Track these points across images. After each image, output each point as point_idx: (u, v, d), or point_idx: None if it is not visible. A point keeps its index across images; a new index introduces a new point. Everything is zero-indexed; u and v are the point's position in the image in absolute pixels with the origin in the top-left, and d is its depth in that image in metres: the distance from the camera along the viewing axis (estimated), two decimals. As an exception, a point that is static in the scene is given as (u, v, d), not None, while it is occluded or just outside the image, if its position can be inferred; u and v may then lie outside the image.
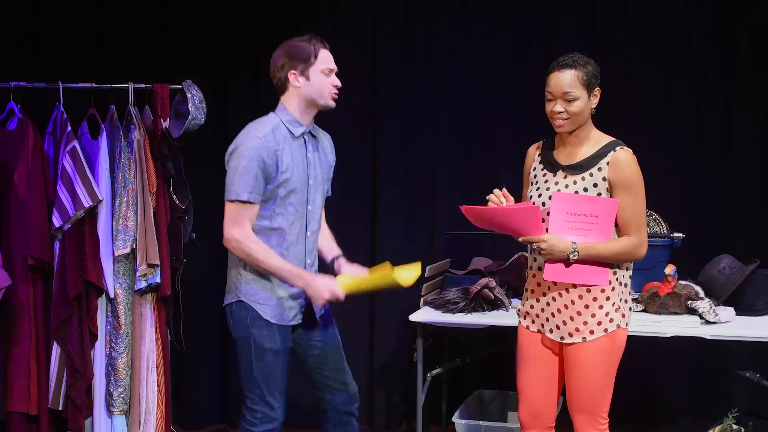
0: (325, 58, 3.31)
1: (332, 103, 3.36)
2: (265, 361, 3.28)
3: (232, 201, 3.21)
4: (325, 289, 3.25)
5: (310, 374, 3.48)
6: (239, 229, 3.21)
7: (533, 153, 3.31)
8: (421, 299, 4.33)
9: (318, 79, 3.29)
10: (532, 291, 3.24)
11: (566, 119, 3.09)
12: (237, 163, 3.20)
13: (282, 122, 3.29)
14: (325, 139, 3.49)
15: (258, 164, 3.19)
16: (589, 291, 3.11)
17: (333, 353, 3.46)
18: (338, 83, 3.34)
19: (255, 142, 3.20)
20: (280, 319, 3.31)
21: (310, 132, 3.37)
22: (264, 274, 3.28)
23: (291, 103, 3.32)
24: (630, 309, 3.22)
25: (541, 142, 3.29)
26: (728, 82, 4.74)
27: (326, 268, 3.48)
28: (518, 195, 3.28)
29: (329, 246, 3.53)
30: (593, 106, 3.13)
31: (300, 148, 3.32)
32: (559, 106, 3.09)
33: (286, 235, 3.30)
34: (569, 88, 3.06)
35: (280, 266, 3.24)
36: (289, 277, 3.25)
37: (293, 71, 3.28)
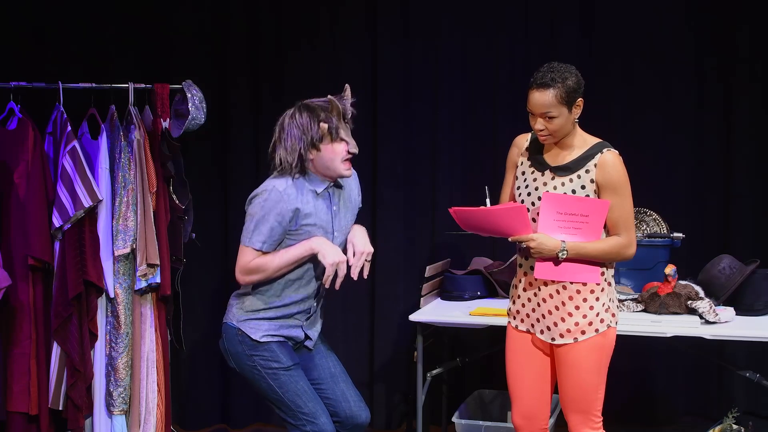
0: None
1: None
2: (281, 378, 3.29)
3: (246, 246, 3.24)
4: (334, 251, 3.22)
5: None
6: (248, 273, 3.25)
7: (521, 144, 3.31)
8: (421, 299, 4.33)
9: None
10: (524, 289, 3.24)
11: (548, 135, 3.12)
12: (254, 211, 3.23)
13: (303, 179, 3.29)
14: (352, 182, 3.45)
15: (275, 217, 3.21)
16: (579, 292, 3.13)
17: (329, 380, 3.44)
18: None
19: (275, 195, 3.21)
20: (272, 337, 3.32)
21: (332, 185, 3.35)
22: (258, 297, 3.32)
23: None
24: (618, 308, 3.24)
25: (529, 134, 3.28)
26: (728, 82, 4.74)
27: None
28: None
29: None
30: (576, 117, 3.13)
31: (324, 201, 3.32)
32: (539, 124, 3.11)
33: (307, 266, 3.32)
34: (547, 109, 3.07)
35: (286, 254, 3.24)
36: (298, 253, 3.23)
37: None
